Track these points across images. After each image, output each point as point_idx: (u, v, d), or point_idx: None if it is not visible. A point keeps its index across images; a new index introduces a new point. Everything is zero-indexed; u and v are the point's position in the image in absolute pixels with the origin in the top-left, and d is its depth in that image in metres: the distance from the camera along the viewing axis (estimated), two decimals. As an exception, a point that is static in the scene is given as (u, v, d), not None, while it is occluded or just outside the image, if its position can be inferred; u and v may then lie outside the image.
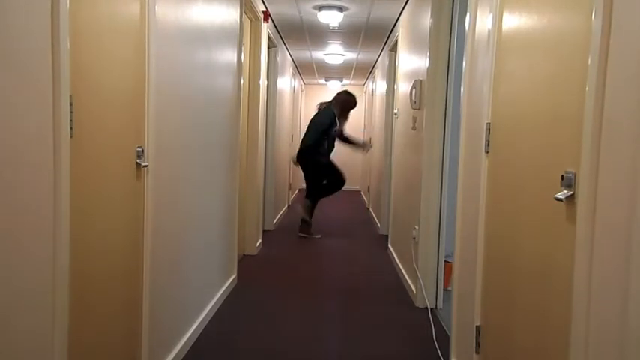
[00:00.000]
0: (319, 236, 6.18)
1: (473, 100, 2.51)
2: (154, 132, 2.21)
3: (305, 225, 6.18)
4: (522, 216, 1.80)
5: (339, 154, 11.89)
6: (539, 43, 1.74)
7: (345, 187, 12.45)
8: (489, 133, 2.19)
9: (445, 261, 3.71)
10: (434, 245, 3.72)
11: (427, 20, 3.77)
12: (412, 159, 4.22)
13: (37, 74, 1.36)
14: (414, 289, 3.89)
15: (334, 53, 7.92)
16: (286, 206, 8.37)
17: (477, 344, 2.23)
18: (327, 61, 8.51)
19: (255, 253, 5.17)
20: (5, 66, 1.24)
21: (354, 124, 11.69)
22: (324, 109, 6.25)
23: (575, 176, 1.39)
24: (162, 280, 2.44)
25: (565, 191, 1.42)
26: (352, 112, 6.52)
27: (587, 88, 1.32)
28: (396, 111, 5.25)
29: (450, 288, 3.39)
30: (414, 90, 3.95)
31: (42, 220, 1.40)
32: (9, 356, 1.29)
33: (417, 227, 3.84)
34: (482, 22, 2.43)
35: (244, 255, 5.02)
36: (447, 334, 3.10)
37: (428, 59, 3.68)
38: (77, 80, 1.56)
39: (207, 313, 3.26)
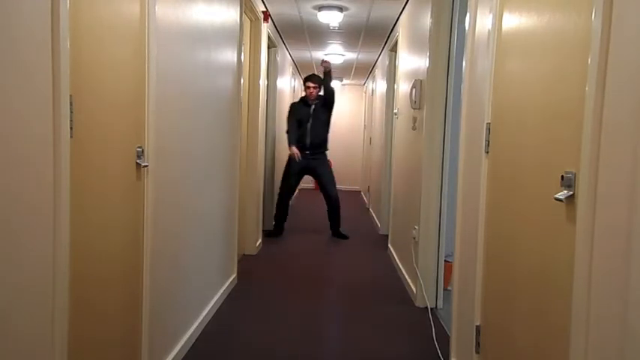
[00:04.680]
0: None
1: (473, 100, 2.51)
2: (154, 132, 2.21)
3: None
4: (522, 216, 1.80)
5: (337, 150, 11.93)
6: (539, 43, 1.74)
7: (346, 187, 12.46)
8: (489, 133, 2.19)
9: (445, 261, 3.71)
10: (434, 245, 3.72)
11: (427, 20, 3.77)
12: (412, 159, 4.22)
13: (37, 74, 1.36)
14: (414, 289, 3.89)
15: (334, 53, 7.92)
16: (286, 206, 8.36)
17: (477, 344, 2.23)
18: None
19: (255, 253, 5.17)
20: (5, 66, 1.24)
21: (354, 124, 11.78)
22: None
23: (575, 176, 1.39)
24: (163, 280, 2.44)
25: (565, 191, 1.42)
26: (350, 110, 6.47)
27: (587, 88, 1.32)
28: (396, 111, 5.25)
29: (450, 288, 3.39)
30: (414, 90, 3.95)
31: (42, 220, 1.40)
32: (9, 356, 1.29)
33: (417, 227, 3.84)
34: (482, 22, 2.43)
35: (244, 255, 5.02)
36: (447, 334, 3.10)
37: (428, 59, 3.68)
38: (77, 80, 1.57)
39: (208, 313, 3.26)
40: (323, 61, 6.08)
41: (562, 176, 1.43)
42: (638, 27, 1.14)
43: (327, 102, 6.00)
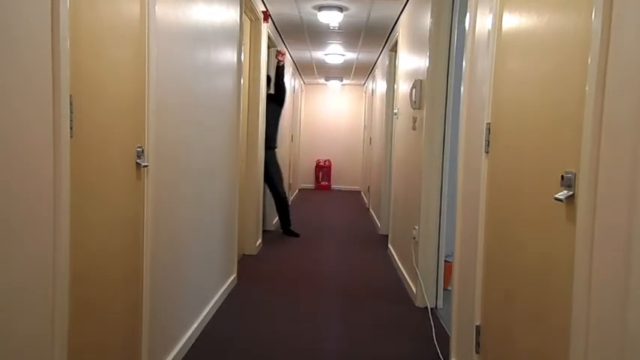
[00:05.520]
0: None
1: (473, 100, 2.51)
2: (154, 132, 2.21)
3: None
4: (522, 216, 1.80)
5: (337, 150, 11.93)
6: (539, 43, 1.74)
7: (345, 187, 12.45)
8: (489, 133, 2.19)
9: (445, 261, 3.71)
10: (434, 245, 3.72)
11: (427, 20, 3.77)
12: (412, 159, 4.22)
13: (37, 74, 1.36)
14: (414, 289, 3.89)
15: (334, 53, 7.92)
16: (286, 206, 8.36)
17: (477, 344, 2.23)
18: (327, 61, 8.51)
19: (255, 253, 5.17)
20: (5, 66, 1.24)
21: (354, 124, 11.78)
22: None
23: (575, 176, 1.39)
24: (163, 280, 2.44)
25: (565, 191, 1.42)
26: (350, 110, 6.41)
27: (587, 88, 1.32)
28: (396, 111, 5.25)
29: (450, 288, 3.39)
30: (414, 90, 3.95)
31: (42, 220, 1.40)
32: (9, 356, 1.29)
33: (417, 227, 3.84)
34: (482, 22, 2.43)
35: (244, 255, 5.02)
36: (447, 334, 3.10)
37: (428, 59, 3.68)
38: (77, 80, 1.57)
39: (208, 313, 3.27)
40: (278, 52, 5.82)
41: (562, 176, 1.43)
42: (638, 27, 1.14)
43: (276, 99, 5.85)
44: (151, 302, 2.27)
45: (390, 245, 5.45)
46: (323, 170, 11.97)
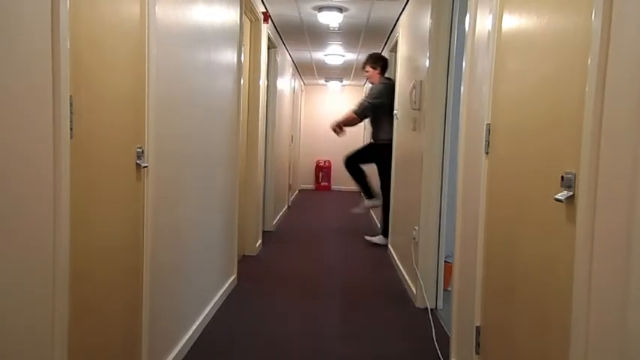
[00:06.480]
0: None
1: (473, 101, 2.51)
2: (154, 132, 2.21)
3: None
4: (522, 216, 1.80)
5: (337, 151, 11.93)
6: (539, 43, 1.74)
7: (345, 188, 12.45)
8: (489, 134, 2.19)
9: (445, 261, 3.71)
10: (434, 246, 3.71)
11: (427, 20, 3.77)
12: (412, 160, 4.22)
13: (37, 74, 1.36)
14: (414, 289, 3.88)
15: (334, 54, 7.93)
16: (286, 206, 8.37)
17: (477, 344, 2.23)
18: (327, 61, 8.51)
19: (255, 254, 5.17)
20: (5, 66, 1.24)
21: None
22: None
23: (575, 177, 1.39)
24: (163, 281, 2.44)
25: (565, 192, 1.42)
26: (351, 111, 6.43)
27: (587, 88, 1.32)
28: (396, 112, 5.25)
29: (450, 289, 3.39)
30: (414, 90, 3.95)
31: (42, 221, 1.40)
32: (9, 356, 1.29)
33: (417, 227, 3.84)
34: (482, 22, 2.43)
35: (244, 255, 5.02)
36: (447, 334, 3.10)
37: (428, 59, 3.68)
38: (77, 81, 1.56)
39: (208, 314, 3.26)
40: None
41: (562, 177, 1.43)
42: (638, 27, 1.14)
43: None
44: (151, 303, 2.27)
45: (390, 245, 5.45)
46: (323, 171, 11.96)
